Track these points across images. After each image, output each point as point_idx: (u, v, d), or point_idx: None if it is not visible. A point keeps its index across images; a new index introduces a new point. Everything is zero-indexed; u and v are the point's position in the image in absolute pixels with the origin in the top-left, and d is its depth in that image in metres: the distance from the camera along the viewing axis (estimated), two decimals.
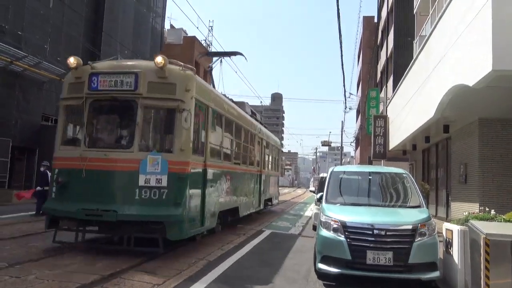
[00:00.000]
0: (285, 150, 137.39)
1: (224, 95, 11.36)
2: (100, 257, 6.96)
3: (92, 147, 7.45)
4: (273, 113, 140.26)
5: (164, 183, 6.99)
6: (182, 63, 7.74)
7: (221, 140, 9.66)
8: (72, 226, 7.52)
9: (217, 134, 9.33)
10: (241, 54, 13.56)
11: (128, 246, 7.01)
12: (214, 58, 15.16)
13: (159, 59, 7.17)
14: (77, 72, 7.66)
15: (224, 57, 14.79)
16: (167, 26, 38.85)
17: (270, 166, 17.16)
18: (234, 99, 12.62)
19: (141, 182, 6.97)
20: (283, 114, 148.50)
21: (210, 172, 8.44)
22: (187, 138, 7.38)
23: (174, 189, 7.04)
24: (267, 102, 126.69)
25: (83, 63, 7.73)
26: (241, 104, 12.97)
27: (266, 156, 16.19)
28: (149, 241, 7.11)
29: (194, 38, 37.19)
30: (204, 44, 38.73)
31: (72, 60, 7.59)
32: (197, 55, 29.24)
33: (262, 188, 14.86)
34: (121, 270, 6.30)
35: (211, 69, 13.49)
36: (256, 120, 14.71)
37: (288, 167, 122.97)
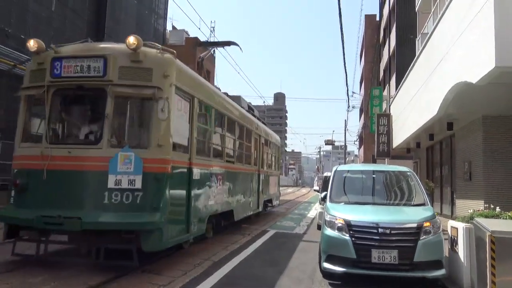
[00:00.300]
0: (288, 149, 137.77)
1: (217, 87, 10.71)
2: (105, 259, 6.92)
3: (54, 143, 6.47)
4: (276, 113, 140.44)
5: (138, 184, 6.06)
6: (159, 45, 6.83)
7: (211, 136, 8.68)
8: (34, 236, 6.53)
9: (205, 129, 8.39)
10: (235, 44, 12.75)
11: (97, 259, 6.02)
12: (201, 53, 14.00)
13: (132, 39, 6.23)
14: (39, 58, 6.72)
15: (218, 48, 14.03)
16: (169, 28, 38.93)
17: (269, 165, 16.29)
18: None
19: (111, 183, 6.03)
20: (286, 114, 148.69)
21: (196, 171, 7.51)
22: (165, 132, 6.41)
23: (150, 192, 6.12)
24: (270, 102, 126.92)
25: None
26: (236, 98, 12.11)
27: (265, 155, 15.21)
28: (125, 252, 6.14)
29: (196, 39, 37.21)
30: None
31: (32, 43, 6.62)
32: (189, 47, 28.82)
33: (260, 189, 13.99)
34: (126, 271, 6.30)
35: (202, 60, 12.31)
36: (254, 115, 13.83)
37: (292, 166, 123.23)
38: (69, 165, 6.22)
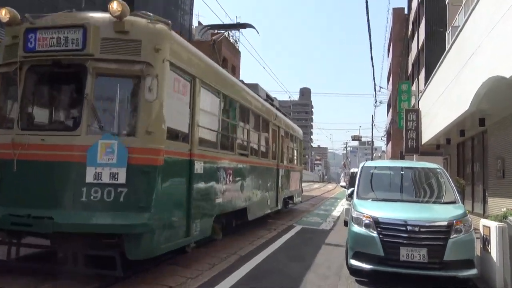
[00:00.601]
0: (314, 145, 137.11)
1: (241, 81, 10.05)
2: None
3: (27, 129, 5.53)
4: (302, 108, 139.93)
5: (122, 179, 5.10)
6: (151, 14, 5.77)
7: (219, 124, 7.60)
8: (4, 238, 5.71)
9: (211, 116, 7.31)
10: (251, 26, 11.85)
11: (74, 266, 5.32)
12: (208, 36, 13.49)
13: (115, 4, 5.24)
14: (13, 30, 5.74)
15: (232, 30, 13.42)
16: (195, 23, 39.29)
17: (290, 159, 15.09)
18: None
19: (89, 177, 5.09)
20: (312, 109, 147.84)
21: (199, 164, 6.51)
22: (157, 117, 5.40)
23: (137, 188, 5.16)
24: (295, 97, 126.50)
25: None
26: (253, 86, 10.99)
27: (285, 148, 13.97)
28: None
29: (222, 35, 37.36)
30: (231, 40, 38.91)
31: (3, 13, 5.67)
32: (198, 31, 28.64)
33: (280, 185, 12.83)
34: (154, 264, 6.40)
35: (214, 43, 11.15)
36: (273, 105, 12.66)
37: (318, 162, 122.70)
38: (42, 154, 5.30)
